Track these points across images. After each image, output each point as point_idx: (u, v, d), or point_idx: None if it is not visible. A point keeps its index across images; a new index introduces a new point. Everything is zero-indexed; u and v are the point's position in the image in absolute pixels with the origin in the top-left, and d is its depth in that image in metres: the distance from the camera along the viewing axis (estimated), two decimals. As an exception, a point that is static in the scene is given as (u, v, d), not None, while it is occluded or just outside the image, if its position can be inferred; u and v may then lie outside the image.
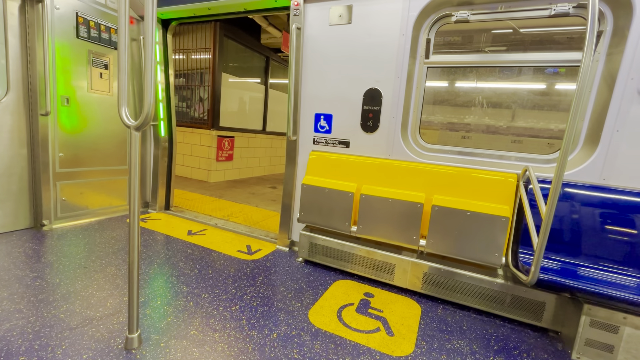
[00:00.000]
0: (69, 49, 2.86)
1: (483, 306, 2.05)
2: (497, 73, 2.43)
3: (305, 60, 2.68)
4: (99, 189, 3.28)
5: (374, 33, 2.40)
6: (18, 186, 2.74)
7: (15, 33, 2.61)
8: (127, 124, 1.36)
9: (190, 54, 6.14)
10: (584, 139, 2.03)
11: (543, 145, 2.35)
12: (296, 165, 2.83)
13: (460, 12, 2.24)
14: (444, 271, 2.14)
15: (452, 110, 2.64)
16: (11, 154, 2.68)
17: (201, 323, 1.72)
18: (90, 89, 3.07)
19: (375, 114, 2.47)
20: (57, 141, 2.86)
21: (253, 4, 2.78)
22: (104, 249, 2.54)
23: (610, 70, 1.90)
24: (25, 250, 2.39)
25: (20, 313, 1.66)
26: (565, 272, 1.76)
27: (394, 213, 2.24)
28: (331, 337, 1.70)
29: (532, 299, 1.92)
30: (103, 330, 1.59)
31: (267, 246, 2.94)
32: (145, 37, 1.28)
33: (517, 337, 1.86)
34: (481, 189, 2.14)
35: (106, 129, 3.25)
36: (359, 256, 2.41)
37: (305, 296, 2.10)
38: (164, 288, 2.04)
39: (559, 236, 1.90)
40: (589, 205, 1.88)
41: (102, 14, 3.07)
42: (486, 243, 1.99)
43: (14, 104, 2.65)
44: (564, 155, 1.35)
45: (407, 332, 1.81)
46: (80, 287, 1.96)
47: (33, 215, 2.86)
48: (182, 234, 3.05)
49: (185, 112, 6.36)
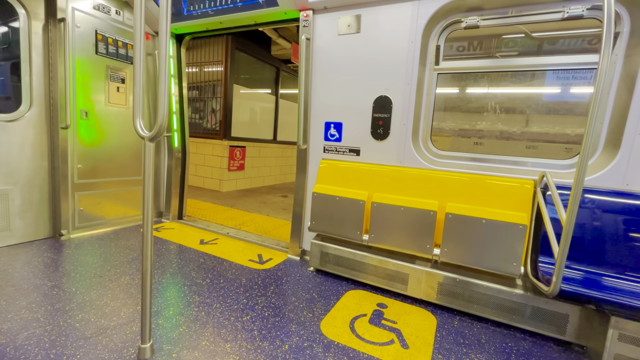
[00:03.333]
0: (88, 65, 2.98)
1: (502, 318, 1.97)
2: (509, 78, 2.38)
3: (315, 70, 2.71)
4: (115, 199, 3.36)
5: (383, 41, 2.41)
6: (39, 197, 2.84)
7: (39, 51, 2.74)
8: (142, 135, 1.40)
9: (203, 67, 6.31)
10: (604, 143, 1.96)
11: (560, 150, 2.28)
12: (307, 173, 2.84)
13: (469, 18, 2.22)
14: (459, 281, 2.07)
15: (464, 117, 2.60)
16: (34, 166, 2.78)
17: (213, 333, 1.71)
18: (108, 102, 3.18)
19: (385, 121, 2.46)
20: (75, 153, 2.96)
21: (263, 17, 2.85)
22: (118, 258, 2.58)
23: (629, 72, 1.84)
24: (44, 259, 2.45)
25: (38, 322, 1.69)
26: (589, 282, 1.68)
27: (406, 221, 2.20)
28: (344, 349, 1.66)
29: (555, 310, 1.83)
30: (117, 340, 1.60)
31: (278, 255, 2.93)
32: (159, 52, 1.32)
33: (540, 351, 1.77)
34: (496, 196, 2.08)
35: (122, 140, 3.34)
36: (371, 265, 2.36)
37: (317, 306, 2.07)
38: (176, 297, 2.05)
39: (580, 244, 1.82)
40: (611, 212, 1.80)
41: (120, 30, 3.20)
42: (503, 252, 1.92)
43: (36, 118, 2.77)
44: (584, 159, 1.30)
45: (422, 344, 1.75)
46: (96, 296, 1.99)
47: (52, 225, 2.94)
48: (194, 244, 3.08)
49: (198, 124, 6.51)
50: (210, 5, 2.94)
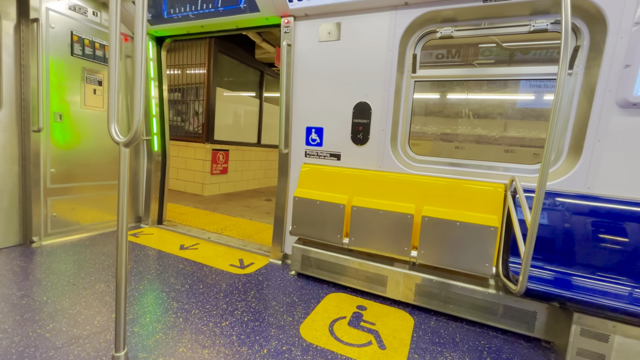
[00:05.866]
0: (63, 67, 2.90)
1: (476, 317, 2.04)
2: (484, 85, 2.49)
3: (296, 75, 2.74)
4: (90, 204, 3.26)
5: (362, 49, 2.47)
6: (8, 203, 2.72)
7: (10, 52, 2.65)
8: (116, 140, 1.37)
9: (185, 69, 6.22)
10: (568, 149, 2.08)
11: (530, 155, 2.39)
12: (288, 178, 2.85)
13: (444, 29, 2.32)
14: (436, 282, 2.14)
15: (442, 122, 2.69)
16: (2, 171, 2.67)
17: (190, 340, 1.69)
18: (84, 105, 3.09)
19: (365, 126, 2.52)
20: (49, 157, 2.86)
21: (244, 22, 2.86)
22: (94, 265, 2.51)
23: (589, 83, 1.97)
24: (13, 267, 2.35)
25: (5, 333, 1.62)
26: (558, 281, 1.77)
27: (384, 224, 2.25)
28: (322, 351, 1.68)
29: (523, 308, 1.92)
30: (89, 349, 1.55)
31: (260, 260, 2.92)
32: (135, 55, 1.31)
33: (510, 348, 1.85)
34: (470, 199, 2.17)
35: (99, 144, 3.26)
36: (351, 268, 2.40)
37: (297, 310, 2.08)
38: (154, 304, 2.02)
39: (550, 246, 1.92)
40: (576, 213, 1.91)
41: (97, 32, 3.13)
42: (476, 253, 2.00)
43: (6, 120, 2.66)
44: (545, 165, 1.38)
45: (399, 345, 1.79)
46: (68, 304, 1.93)
47: (22, 232, 2.83)
48: (174, 249, 3.02)
49: (180, 126, 6.40)
50: (191, 9, 2.93)
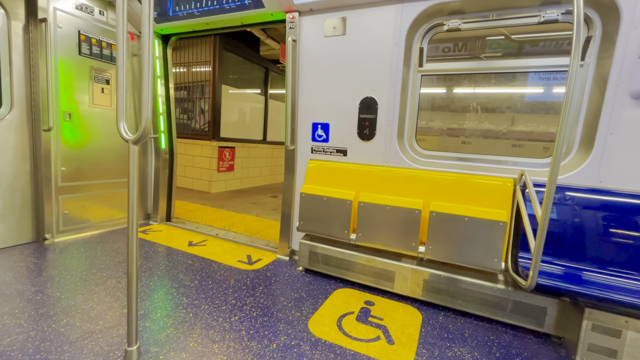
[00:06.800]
0: (71, 66, 2.93)
1: (485, 312, 2.03)
2: (493, 79, 2.45)
3: (302, 71, 2.73)
4: (101, 201, 3.31)
5: (368, 43, 2.45)
6: (21, 201, 2.78)
7: (20, 52, 2.68)
8: (125, 137, 1.39)
9: (191, 67, 6.25)
10: (579, 143, 2.04)
11: (539, 149, 2.36)
12: (295, 174, 2.85)
13: (451, 21, 2.28)
14: (444, 277, 2.13)
15: (448, 116, 2.66)
16: (15, 170, 2.72)
17: (200, 334, 1.71)
18: (92, 103, 3.13)
19: (371, 122, 2.50)
20: (59, 156, 2.91)
21: (249, 18, 2.85)
22: (105, 261, 2.55)
23: (601, 75, 1.93)
24: (27, 264, 2.40)
25: (21, 328, 1.67)
26: (568, 276, 1.75)
27: (392, 220, 2.25)
28: (331, 346, 1.69)
29: (533, 304, 1.90)
30: (102, 344, 1.59)
31: (267, 256, 2.95)
32: (142, 53, 1.32)
33: (520, 343, 1.84)
34: (479, 194, 2.15)
35: (108, 142, 3.30)
36: (359, 264, 2.40)
37: (305, 305, 2.10)
38: (164, 300, 2.05)
39: (560, 240, 1.89)
40: (587, 208, 1.87)
41: (104, 31, 3.16)
42: (485, 248, 1.98)
43: (17, 120, 2.71)
44: (557, 158, 1.36)
45: (407, 340, 1.79)
46: (81, 300, 1.97)
47: (35, 230, 2.89)
48: (182, 245, 3.06)
49: (186, 124, 6.44)
50: (196, 6, 2.93)
